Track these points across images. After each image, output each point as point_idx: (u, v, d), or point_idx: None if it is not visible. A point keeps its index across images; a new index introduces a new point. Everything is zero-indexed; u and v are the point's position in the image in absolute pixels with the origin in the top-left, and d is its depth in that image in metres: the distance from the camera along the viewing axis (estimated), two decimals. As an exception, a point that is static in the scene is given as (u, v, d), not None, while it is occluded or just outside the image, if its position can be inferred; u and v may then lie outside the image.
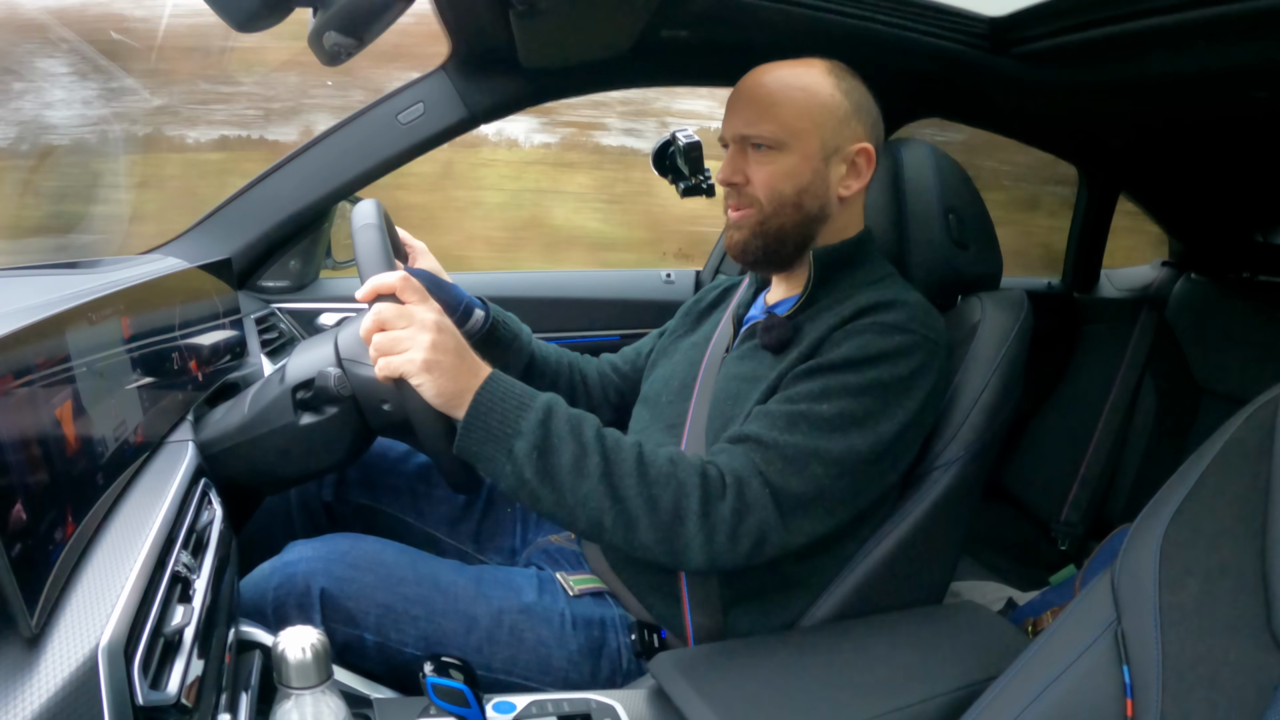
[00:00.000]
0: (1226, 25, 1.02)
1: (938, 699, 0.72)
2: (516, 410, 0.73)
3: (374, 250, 0.82)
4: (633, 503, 0.73)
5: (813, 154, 0.87)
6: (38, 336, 0.55)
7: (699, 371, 0.96)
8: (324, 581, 0.82)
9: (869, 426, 0.79)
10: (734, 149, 0.90)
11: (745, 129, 0.88)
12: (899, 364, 0.81)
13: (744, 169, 0.89)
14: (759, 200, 0.88)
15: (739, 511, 0.75)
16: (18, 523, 0.47)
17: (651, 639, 0.88)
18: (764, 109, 0.87)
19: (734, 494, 0.75)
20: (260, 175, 1.35)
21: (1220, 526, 0.55)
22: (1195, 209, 2.03)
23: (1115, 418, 1.92)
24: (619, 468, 0.74)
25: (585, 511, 0.73)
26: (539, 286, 1.68)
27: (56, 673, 0.45)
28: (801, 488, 0.77)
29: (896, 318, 0.82)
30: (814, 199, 0.88)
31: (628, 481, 0.73)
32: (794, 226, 0.89)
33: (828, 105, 0.87)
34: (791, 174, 0.87)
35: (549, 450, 0.73)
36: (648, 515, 0.73)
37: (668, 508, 0.73)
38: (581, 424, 0.75)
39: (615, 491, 0.73)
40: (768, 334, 0.88)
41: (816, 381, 0.80)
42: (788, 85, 0.87)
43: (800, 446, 0.77)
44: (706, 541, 0.74)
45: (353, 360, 0.87)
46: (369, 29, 0.76)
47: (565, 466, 0.73)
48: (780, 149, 0.87)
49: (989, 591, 1.61)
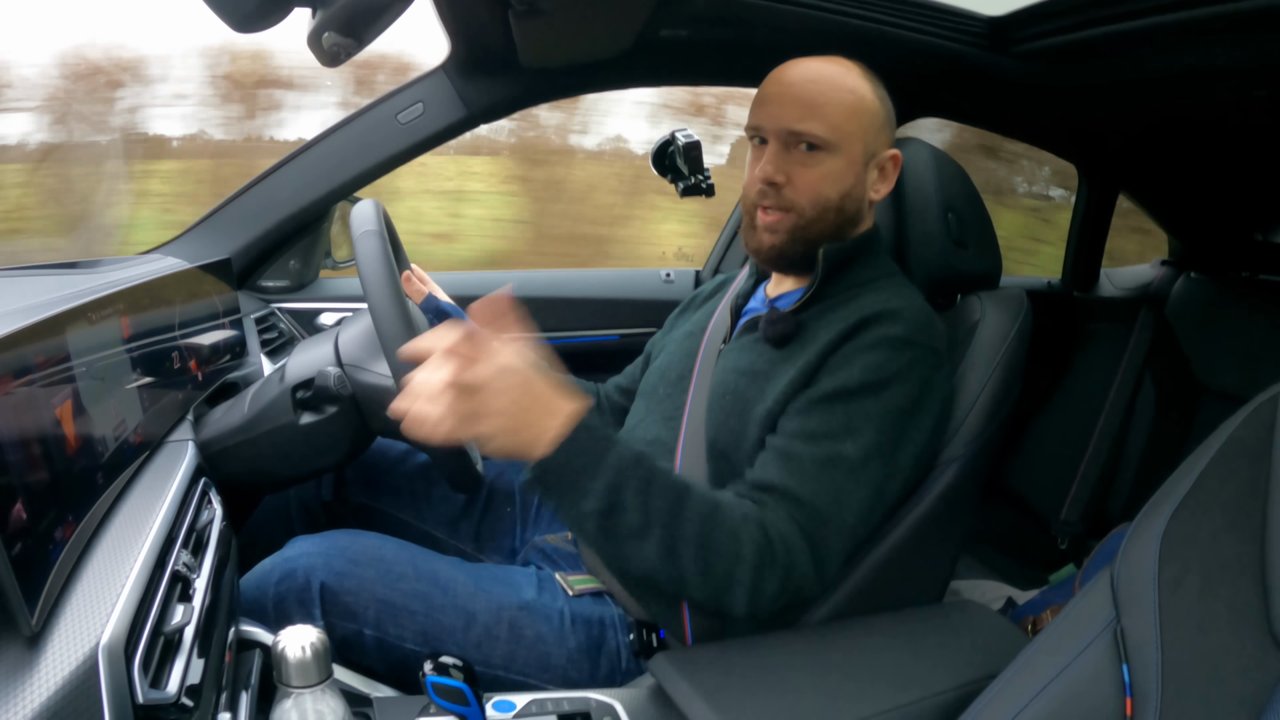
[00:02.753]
0: (1226, 24, 1.02)
1: (937, 698, 0.72)
2: (590, 470, 0.70)
3: (374, 253, 0.82)
4: (687, 568, 0.73)
5: (857, 158, 0.86)
6: (38, 336, 0.55)
7: (695, 362, 0.95)
8: (324, 576, 0.82)
9: (891, 457, 0.80)
10: (777, 146, 0.85)
11: (796, 124, 0.84)
12: (911, 382, 0.81)
13: (786, 169, 0.85)
14: (799, 204, 0.85)
15: (785, 580, 0.75)
16: (18, 522, 0.47)
17: (650, 638, 0.88)
18: (815, 107, 0.84)
19: (784, 566, 0.75)
20: (260, 175, 1.35)
21: (1220, 525, 0.55)
22: (1195, 208, 2.03)
23: (1115, 416, 1.92)
24: (681, 538, 0.72)
25: (639, 568, 0.74)
26: (539, 286, 1.68)
27: (57, 671, 0.45)
28: (838, 541, 0.78)
29: (903, 330, 0.81)
30: (854, 203, 0.87)
31: (687, 552, 0.72)
32: (833, 229, 0.87)
33: (871, 109, 0.86)
34: (838, 178, 0.85)
35: (614, 511, 0.71)
36: (699, 580, 0.73)
37: (719, 575, 0.73)
38: (650, 487, 0.71)
39: (673, 557, 0.72)
40: (771, 327, 0.87)
41: (836, 413, 0.79)
42: (837, 85, 0.85)
43: (833, 498, 0.77)
44: (749, 603, 0.75)
45: (353, 365, 0.88)
46: (368, 29, 0.76)
47: (628, 529, 0.71)
48: (829, 150, 0.84)
49: (988, 590, 1.61)
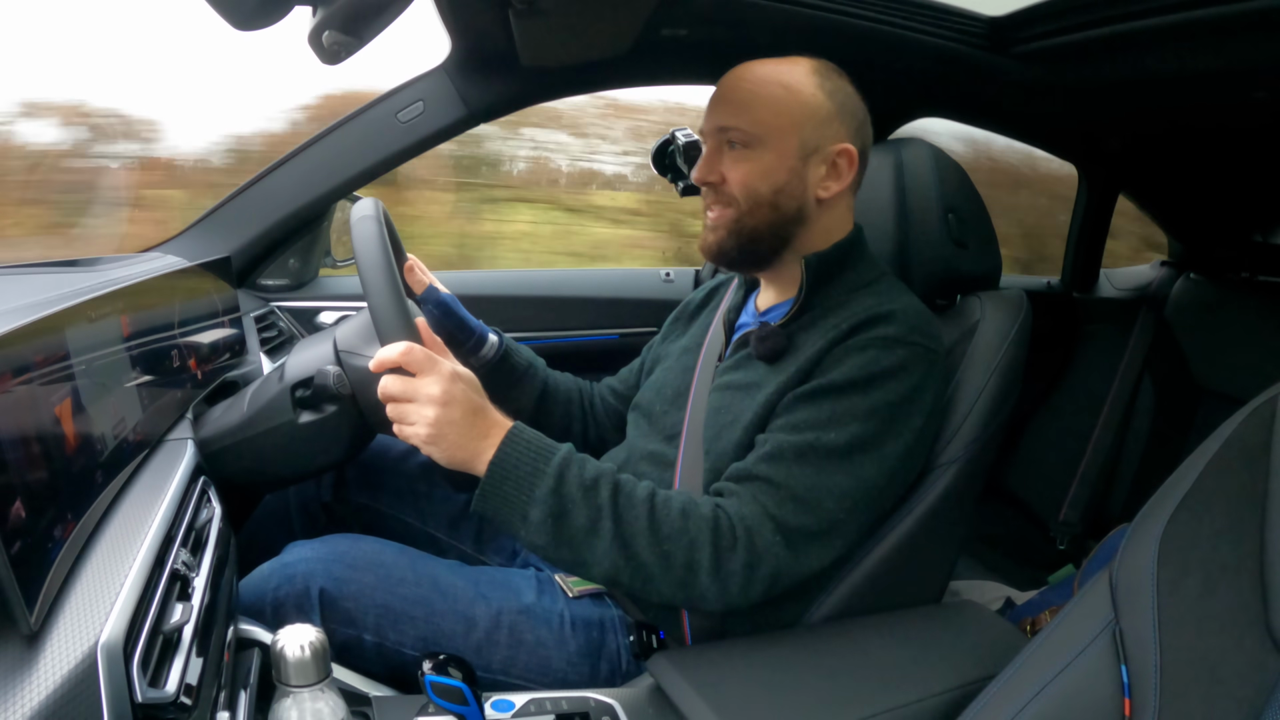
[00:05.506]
0: (1226, 25, 1.02)
1: (936, 698, 0.72)
2: (530, 477, 0.74)
3: (374, 253, 0.81)
4: (646, 560, 0.74)
5: (789, 153, 0.86)
6: (37, 334, 0.55)
7: (692, 379, 0.96)
8: (323, 582, 0.82)
9: (877, 450, 0.80)
10: (711, 146, 0.89)
11: (721, 121, 0.87)
12: (902, 380, 0.80)
13: (719, 167, 0.87)
14: (736, 200, 0.87)
15: (751, 564, 0.75)
16: (17, 520, 0.47)
17: (650, 640, 0.88)
18: (742, 104, 0.86)
19: (745, 546, 0.75)
20: (260, 174, 1.35)
21: (1218, 526, 0.55)
22: (1194, 209, 2.03)
23: (1114, 417, 1.92)
24: (631, 527, 0.74)
25: (600, 569, 0.75)
26: (538, 285, 1.68)
27: (56, 670, 0.45)
28: (815, 524, 0.78)
29: (897, 330, 0.82)
30: (790, 199, 0.87)
31: (640, 541, 0.74)
32: (769, 227, 0.88)
33: (808, 104, 0.86)
34: (767, 173, 0.86)
35: (563, 514, 0.73)
36: (661, 571, 0.75)
37: (680, 563, 0.75)
38: (597, 484, 0.75)
39: (628, 550, 0.74)
40: (761, 344, 0.87)
41: (823, 407, 0.80)
42: (768, 82, 0.86)
43: (811, 482, 0.77)
44: (721, 592, 0.75)
45: (350, 352, 0.87)
46: (369, 27, 0.76)
47: (579, 529, 0.74)
48: (756, 146, 0.85)
49: (988, 591, 1.61)
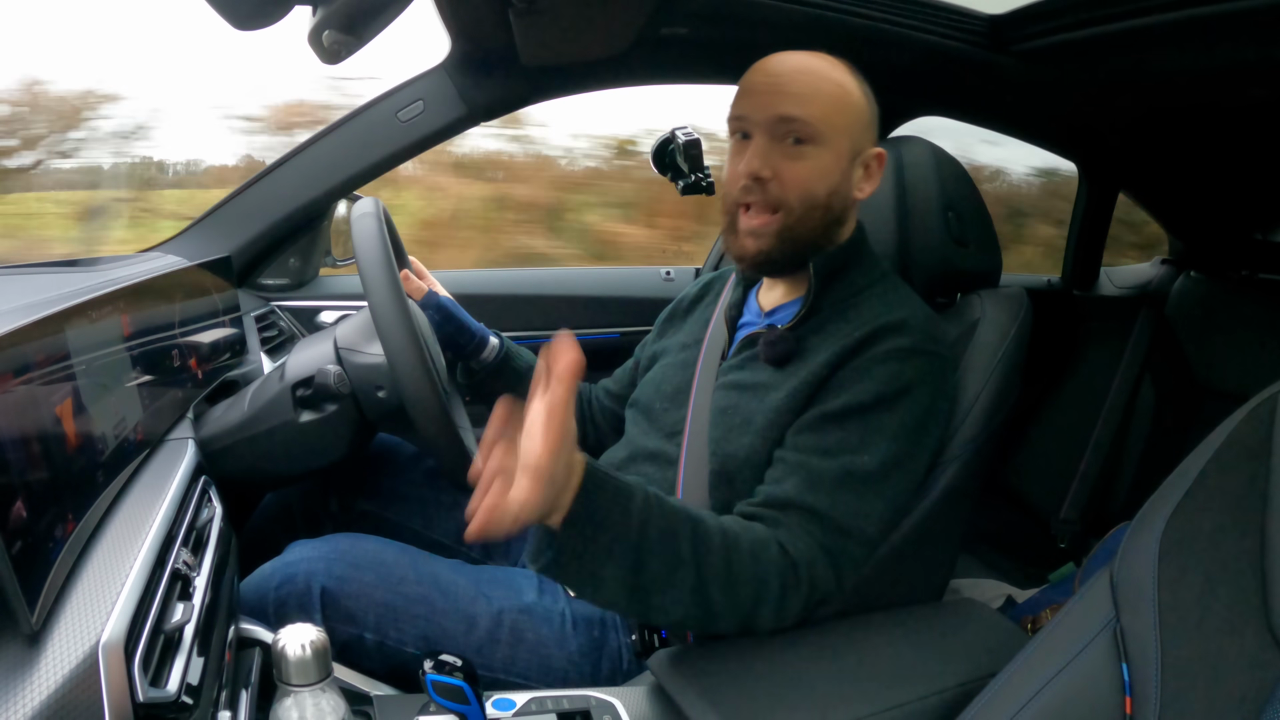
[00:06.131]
0: (1225, 23, 1.02)
1: (937, 696, 0.72)
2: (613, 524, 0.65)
3: (374, 252, 0.81)
4: (716, 605, 0.71)
5: (844, 154, 0.83)
6: (38, 334, 0.55)
7: (694, 375, 0.94)
8: (324, 580, 0.82)
9: (909, 465, 0.80)
10: (763, 138, 0.81)
11: (787, 111, 0.80)
12: (923, 392, 0.80)
13: (773, 163, 0.81)
14: (787, 201, 0.82)
15: (809, 597, 0.75)
16: (18, 520, 0.47)
17: (652, 639, 0.87)
18: (806, 97, 0.80)
19: (807, 583, 0.75)
20: (260, 173, 1.35)
21: (1219, 524, 0.55)
22: (1194, 207, 2.02)
23: (1114, 415, 1.92)
24: (708, 573, 0.69)
25: (665, 617, 0.71)
26: (538, 284, 1.68)
27: (57, 669, 0.45)
28: (858, 551, 0.78)
29: (911, 341, 0.81)
30: (841, 201, 0.85)
31: (714, 586, 0.70)
32: (820, 230, 0.84)
33: (858, 105, 0.84)
34: (825, 173, 0.82)
35: (642, 565, 0.67)
36: (727, 612, 0.72)
37: (747, 603, 0.72)
38: (676, 535, 0.68)
39: (701, 597, 0.70)
40: (770, 349, 0.85)
41: (853, 429, 0.78)
42: (825, 78, 0.82)
43: (854, 509, 0.77)
44: (776, 623, 0.75)
45: (351, 350, 0.88)
46: (368, 26, 0.76)
47: (656, 580, 0.68)
48: (817, 143, 0.81)
49: (988, 589, 1.61)
